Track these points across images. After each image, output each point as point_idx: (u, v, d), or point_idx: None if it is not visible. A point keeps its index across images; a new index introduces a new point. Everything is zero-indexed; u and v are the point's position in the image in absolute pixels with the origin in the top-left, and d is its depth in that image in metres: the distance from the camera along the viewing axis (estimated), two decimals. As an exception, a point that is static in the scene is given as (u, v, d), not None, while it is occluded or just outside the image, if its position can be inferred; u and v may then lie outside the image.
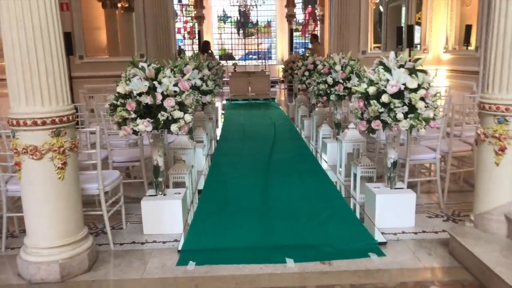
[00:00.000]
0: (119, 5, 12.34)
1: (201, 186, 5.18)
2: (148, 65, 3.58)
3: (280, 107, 12.40)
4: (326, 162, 6.05)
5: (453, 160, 5.23)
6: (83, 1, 10.07)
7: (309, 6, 20.17)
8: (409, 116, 3.53)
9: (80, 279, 3.18)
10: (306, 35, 20.35)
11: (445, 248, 3.51)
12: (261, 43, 21.54)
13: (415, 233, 3.83)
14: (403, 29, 9.57)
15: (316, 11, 19.27)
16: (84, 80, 8.95)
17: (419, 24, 10.39)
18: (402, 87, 3.50)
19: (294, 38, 19.51)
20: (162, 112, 3.52)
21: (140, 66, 3.54)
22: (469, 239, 3.27)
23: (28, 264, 3.13)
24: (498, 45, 3.09)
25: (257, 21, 21.47)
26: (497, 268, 2.82)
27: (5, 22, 2.89)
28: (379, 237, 3.67)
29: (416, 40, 10.58)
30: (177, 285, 3.10)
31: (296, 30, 19.93)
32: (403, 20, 11.32)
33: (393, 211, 3.89)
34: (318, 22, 18.22)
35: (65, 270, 3.13)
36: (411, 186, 4.61)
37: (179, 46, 17.62)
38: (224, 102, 13.81)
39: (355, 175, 4.60)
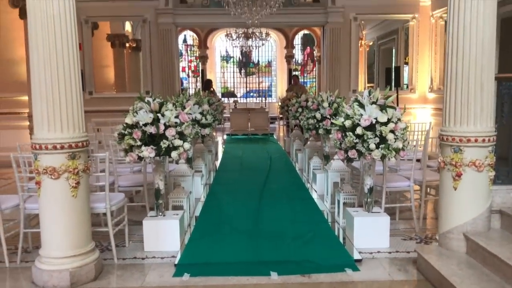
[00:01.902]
0: (127, 45, 13.18)
1: (198, 211, 5.61)
2: (153, 100, 4.11)
3: (278, 142, 12.93)
4: (316, 191, 6.50)
5: (432, 189, 5.69)
6: (94, 41, 10.84)
7: (308, 47, 21.10)
8: (380, 146, 4.02)
9: (87, 287, 3.59)
10: (305, 75, 21.19)
11: (414, 265, 3.91)
12: (261, 82, 22.38)
13: (389, 252, 4.23)
14: (392, 70, 10.22)
15: (314, 52, 20.20)
16: (92, 114, 9.54)
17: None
18: (374, 121, 4.01)
19: (292, 77, 20.33)
20: (164, 141, 4.02)
21: (146, 100, 4.08)
22: (433, 256, 3.69)
23: (42, 272, 3.55)
24: (452, 85, 3.62)
25: (258, 61, 22.39)
26: (452, 278, 3.23)
27: (34, 61, 3.44)
28: (355, 255, 4.08)
29: (406, 80, 11.25)
30: (173, 292, 3.51)
31: (295, 70, 20.76)
32: (393, 62, 12.04)
33: (369, 232, 4.31)
34: (316, 63, 19.07)
35: (74, 278, 3.55)
36: (391, 213, 5.06)
37: (183, 88, 18.21)
38: (225, 137, 14.36)
39: (338, 201, 5.05)
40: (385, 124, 4.01)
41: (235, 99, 18.54)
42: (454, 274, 3.30)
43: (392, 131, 4.01)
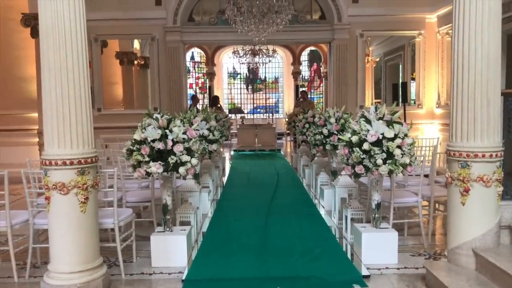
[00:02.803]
0: (135, 62, 13.34)
1: (205, 227, 5.61)
2: (161, 116, 4.17)
3: (286, 157, 12.93)
4: (324, 207, 6.49)
5: (440, 205, 5.65)
6: (103, 59, 11.00)
7: (315, 63, 21.23)
8: (387, 162, 4.02)
9: (95, 302, 3.60)
10: (312, 91, 21.27)
11: (423, 281, 3.88)
12: (268, 98, 22.49)
13: (398, 268, 4.20)
14: (399, 85, 10.24)
15: (321, 68, 20.32)
16: (101, 130, 9.63)
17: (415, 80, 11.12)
18: (381, 137, 4.02)
19: (300, 93, 20.39)
20: (172, 156, 4.06)
21: (154, 117, 4.13)
22: (442, 272, 3.66)
23: (50, 287, 3.56)
24: (458, 100, 3.63)
25: (265, 78, 22.54)
26: (461, 294, 3.20)
27: (45, 79, 3.51)
28: (363, 271, 4.06)
29: (413, 96, 11.27)
30: (180, 308, 3.50)
31: (302, 86, 20.86)
32: (400, 78, 12.08)
33: (377, 248, 4.28)
34: (323, 79, 19.16)
35: (82, 293, 3.56)
36: (400, 228, 5.03)
37: (194, 95, 17.82)
38: (232, 153, 14.38)
39: (346, 217, 5.03)
40: (392, 139, 4.02)
41: (242, 115, 18.61)
42: (463, 291, 3.27)
43: (399, 147, 4.02)
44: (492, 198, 3.62)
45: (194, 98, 13.44)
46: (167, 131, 4.10)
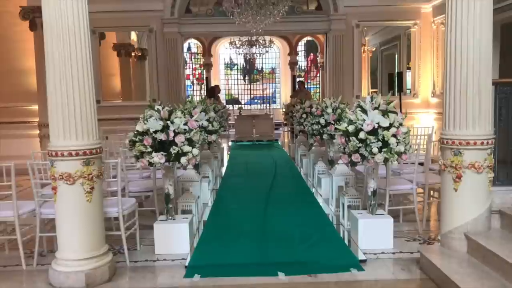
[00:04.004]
0: (133, 53, 13.38)
1: (206, 216, 5.75)
2: (163, 108, 4.28)
3: (283, 148, 13.05)
4: (321, 195, 6.62)
5: (435, 192, 5.80)
6: (101, 50, 11.05)
7: (311, 54, 21.29)
8: (383, 150, 4.15)
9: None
10: (308, 81, 21.35)
11: (417, 265, 4.03)
12: (265, 89, 22.57)
13: (393, 253, 4.35)
14: (395, 75, 10.35)
15: (317, 58, 20.38)
16: (100, 122, 9.72)
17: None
18: (376, 126, 4.14)
19: (297, 83, 20.46)
20: (174, 147, 4.18)
21: (156, 109, 4.24)
22: (435, 255, 3.82)
23: (58, 274, 3.70)
24: (451, 90, 3.76)
25: (262, 68, 22.60)
26: (453, 276, 3.36)
27: (50, 73, 3.61)
28: (360, 256, 4.21)
29: (409, 85, 11.38)
30: (184, 292, 3.65)
31: (299, 76, 20.93)
32: (396, 67, 12.18)
33: (373, 234, 4.43)
34: (320, 69, 19.24)
35: (89, 279, 3.69)
36: (396, 215, 5.17)
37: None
38: (230, 143, 14.49)
39: (343, 204, 5.18)
40: (387, 128, 4.14)
41: (240, 106, 18.69)
42: (455, 273, 3.42)
43: (394, 135, 4.15)
44: (483, 184, 3.77)
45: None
46: (168, 122, 4.21)
